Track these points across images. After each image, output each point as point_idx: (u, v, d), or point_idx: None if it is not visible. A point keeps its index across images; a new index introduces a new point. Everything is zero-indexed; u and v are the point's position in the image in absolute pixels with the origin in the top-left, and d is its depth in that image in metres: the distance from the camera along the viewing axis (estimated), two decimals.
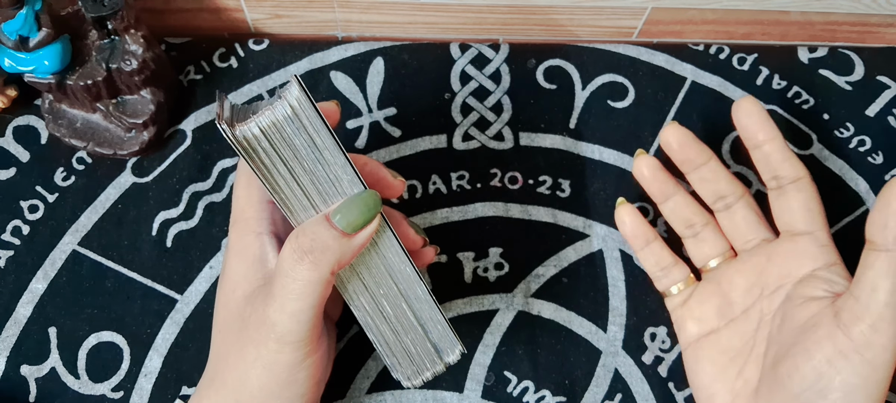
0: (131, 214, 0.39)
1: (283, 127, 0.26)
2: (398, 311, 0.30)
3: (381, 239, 0.28)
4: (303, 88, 0.25)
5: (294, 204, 0.27)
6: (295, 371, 0.28)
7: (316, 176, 0.27)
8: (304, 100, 0.25)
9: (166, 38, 0.44)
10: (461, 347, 0.31)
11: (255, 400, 0.28)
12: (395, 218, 0.31)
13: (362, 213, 0.27)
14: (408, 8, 0.43)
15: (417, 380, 0.32)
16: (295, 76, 0.26)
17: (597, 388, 0.37)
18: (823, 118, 0.43)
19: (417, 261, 0.33)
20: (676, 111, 0.43)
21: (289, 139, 0.26)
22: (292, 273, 0.26)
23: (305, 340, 0.27)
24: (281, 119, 0.25)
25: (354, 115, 0.42)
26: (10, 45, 0.36)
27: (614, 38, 0.46)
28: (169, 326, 0.37)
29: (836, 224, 0.40)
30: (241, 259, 0.30)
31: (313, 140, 0.26)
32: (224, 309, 0.30)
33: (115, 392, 0.36)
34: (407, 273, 0.29)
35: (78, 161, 0.41)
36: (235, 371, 0.29)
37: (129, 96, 0.39)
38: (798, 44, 0.46)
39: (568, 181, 0.41)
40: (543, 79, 0.44)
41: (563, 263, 0.39)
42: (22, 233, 0.39)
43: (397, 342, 0.30)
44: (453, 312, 0.38)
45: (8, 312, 0.37)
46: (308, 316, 0.27)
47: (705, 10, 0.44)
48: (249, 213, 0.30)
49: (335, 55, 0.44)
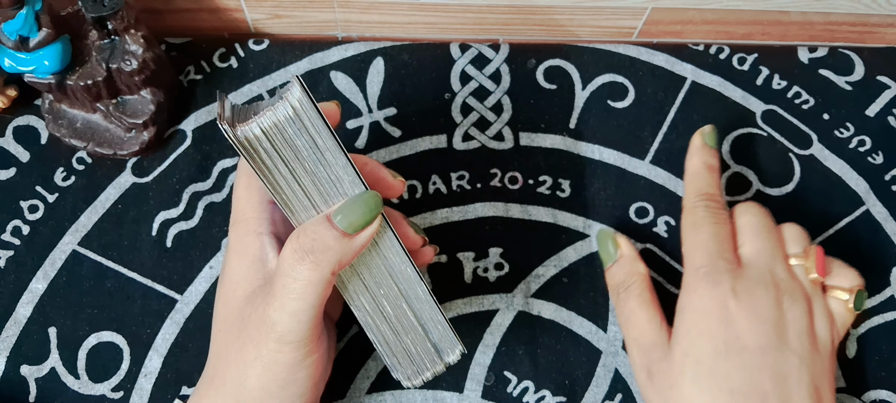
0: (131, 214, 0.39)
1: (285, 127, 0.26)
2: (398, 311, 0.30)
3: (381, 239, 0.28)
4: (304, 89, 0.25)
5: (295, 204, 0.27)
6: (294, 370, 0.28)
7: (317, 176, 0.27)
8: (305, 100, 0.25)
9: (166, 38, 0.44)
10: (461, 347, 0.31)
11: (254, 400, 0.28)
12: (394, 217, 0.31)
13: (364, 214, 0.27)
14: (408, 8, 0.43)
15: (417, 380, 0.32)
16: (296, 77, 0.26)
17: (597, 388, 0.37)
18: (823, 118, 0.43)
19: (417, 261, 0.33)
20: (676, 111, 0.43)
21: (290, 140, 0.26)
22: (293, 273, 0.26)
23: (305, 340, 0.27)
24: (282, 120, 0.25)
25: (354, 115, 0.42)
26: (10, 45, 0.36)
27: (614, 38, 0.46)
28: (169, 326, 0.37)
29: (835, 224, 0.40)
30: (242, 259, 0.30)
31: (315, 141, 0.26)
32: (224, 309, 0.30)
33: (115, 393, 0.36)
34: (407, 273, 0.29)
35: (78, 161, 0.41)
36: (235, 370, 0.29)
37: (129, 96, 0.39)
38: (798, 44, 0.46)
39: (568, 181, 0.41)
40: (543, 79, 0.44)
41: (563, 263, 0.39)
42: (22, 233, 0.39)
43: (397, 342, 0.30)
44: (453, 312, 0.38)
45: (8, 312, 0.37)
46: (308, 315, 0.27)
47: (705, 10, 0.44)
48: (250, 213, 0.30)
49: (335, 55, 0.44)
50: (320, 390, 0.32)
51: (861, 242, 0.40)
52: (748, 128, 0.43)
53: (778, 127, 0.43)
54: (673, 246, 0.40)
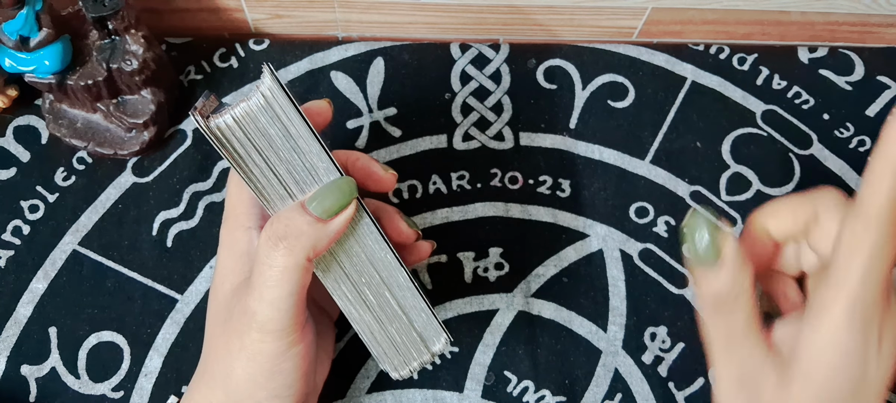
0: (131, 214, 0.39)
1: (257, 117, 0.26)
2: (381, 300, 0.30)
3: (359, 225, 0.28)
4: (275, 77, 0.26)
5: (271, 193, 0.27)
6: (279, 360, 0.28)
7: (292, 165, 0.27)
8: (276, 88, 0.26)
9: (167, 38, 0.44)
10: (447, 335, 0.31)
11: (241, 391, 0.28)
12: (388, 212, 0.31)
13: (338, 199, 0.27)
14: (408, 8, 0.43)
15: (404, 371, 0.31)
16: (266, 64, 0.26)
17: (597, 388, 0.37)
18: (823, 118, 0.43)
19: (413, 256, 0.33)
20: (676, 111, 0.43)
21: (263, 129, 0.26)
22: (268, 260, 0.26)
23: (287, 329, 0.27)
24: (254, 109, 0.26)
25: (355, 115, 0.42)
26: (10, 45, 0.36)
27: (614, 38, 0.46)
28: (169, 326, 0.37)
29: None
30: (230, 253, 0.30)
31: (288, 129, 0.26)
32: (213, 303, 0.31)
33: (115, 392, 0.36)
34: (387, 260, 0.29)
35: (78, 161, 0.41)
36: (222, 362, 0.29)
37: (129, 96, 0.39)
38: (798, 44, 0.46)
39: (568, 181, 0.41)
40: (543, 79, 0.44)
41: (563, 263, 0.39)
42: (22, 233, 0.39)
43: (382, 331, 0.30)
44: (453, 312, 0.38)
45: (8, 312, 0.37)
46: (288, 303, 0.27)
47: (705, 10, 0.44)
48: (239, 209, 0.30)
49: (335, 55, 0.44)
50: (311, 383, 0.31)
51: None
52: (748, 128, 0.43)
53: (778, 127, 0.43)
54: (673, 245, 0.40)
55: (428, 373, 0.37)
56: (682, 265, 0.39)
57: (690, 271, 0.29)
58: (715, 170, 0.42)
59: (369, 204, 0.30)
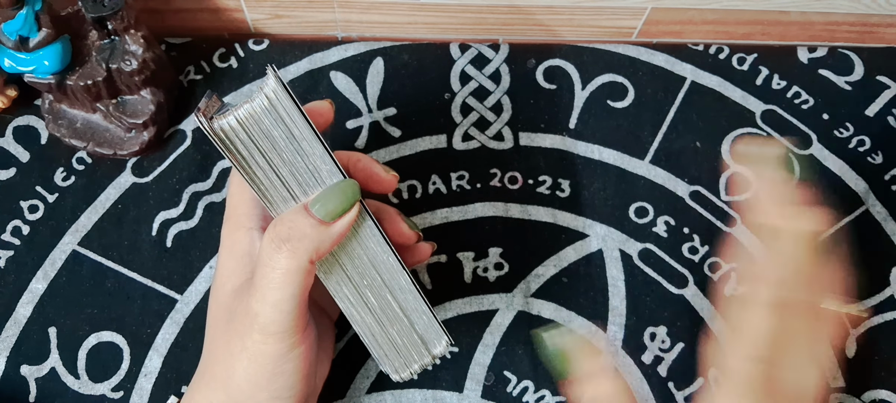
0: (131, 214, 0.39)
1: (261, 119, 0.26)
2: (382, 302, 0.30)
3: (361, 228, 0.28)
4: (279, 80, 0.26)
5: (274, 195, 0.27)
6: (280, 362, 0.28)
7: (295, 167, 0.27)
8: (280, 91, 0.26)
9: (166, 38, 0.44)
10: (448, 338, 0.31)
11: (242, 393, 0.28)
12: (389, 213, 0.31)
13: (341, 202, 0.27)
14: (408, 8, 0.43)
15: (405, 373, 0.31)
16: (270, 66, 0.26)
17: None
18: (823, 118, 0.43)
19: (413, 258, 0.33)
20: (676, 111, 0.43)
21: (267, 131, 0.26)
22: (271, 262, 0.26)
23: (289, 331, 0.27)
24: (258, 111, 0.26)
25: (354, 115, 0.42)
26: (10, 46, 0.36)
27: (614, 38, 0.46)
28: (169, 326, 0.37)
29: (835, 224, 0.40)
30: (231, 254, 0.30)
31: (291, 131, 0.26)
32: (214, 304, 0.31)
33: (115, 392, 0.36)
34: (390, 263, 0.29)
35: (78, 161, 0.41)
36: (223, 363, 0.29)
37: (129, 96, 0.39)
38: (798, 44, 0.46)
39: (568, 181, 0.41)
40: (543, 79, 0.44)
41: (562, 263, 0.39)
42: (22, 233, 0.39)
43: (383, 333, 0.30)
44: (453, 312, 0.38)
45: (8, 312, 0.37)
46: (290, 305, 0.27)
47: (705, 10, 0.44)
48: (241, 209, 0.30)
49: (335, 55, 0.44)
50: (312, 384, 0.32)
51: (861, 242, 0.40)
52: (748, 128, 0.43)
53: (778, 127, 0.43)
54: (673, 245, 0.40)
55: (428, 373, 0.37)
56: (682, 265, 0.39)
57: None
58: (714, 170, 0.42)
59: (370, 205, 0.30)
